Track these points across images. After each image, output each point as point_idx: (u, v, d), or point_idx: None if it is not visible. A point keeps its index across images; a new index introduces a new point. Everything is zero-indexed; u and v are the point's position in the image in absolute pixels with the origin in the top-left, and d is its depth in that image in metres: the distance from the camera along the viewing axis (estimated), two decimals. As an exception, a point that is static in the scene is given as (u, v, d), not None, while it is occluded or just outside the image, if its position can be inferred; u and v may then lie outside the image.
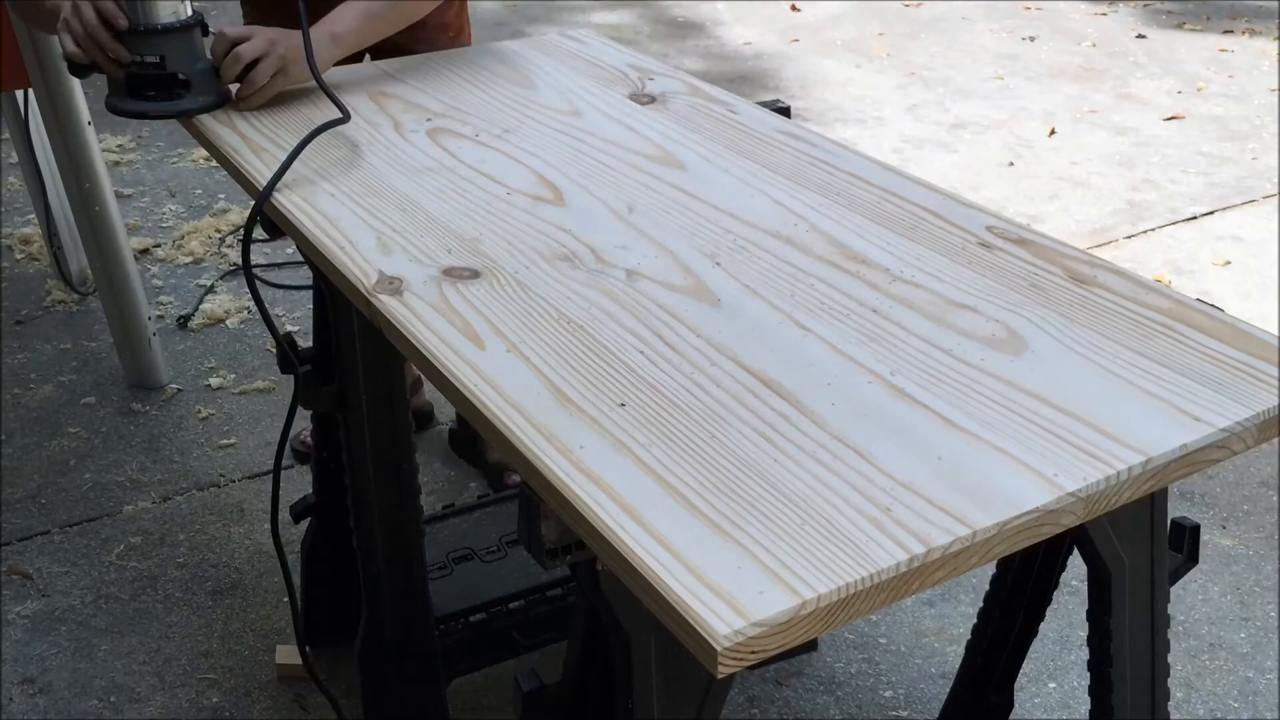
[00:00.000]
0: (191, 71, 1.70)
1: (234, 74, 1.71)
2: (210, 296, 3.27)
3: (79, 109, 2.64)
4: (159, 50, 1.67)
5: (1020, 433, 1.02)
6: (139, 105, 1.71)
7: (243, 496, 2.53)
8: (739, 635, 0.82)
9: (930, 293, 1.25)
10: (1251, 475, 2.56)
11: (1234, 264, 3.42)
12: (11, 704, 2.04)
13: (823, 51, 5.20)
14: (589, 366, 1.12)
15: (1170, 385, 1.09)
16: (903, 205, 1.45)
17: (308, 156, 1.55)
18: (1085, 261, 1.31)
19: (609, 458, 0.99)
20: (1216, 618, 2.20)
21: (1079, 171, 4.03)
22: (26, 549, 2.39)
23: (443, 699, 1.87)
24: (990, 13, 5.69)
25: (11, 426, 2.76)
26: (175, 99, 1.70)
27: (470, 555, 2.00)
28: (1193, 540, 1.34)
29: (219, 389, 2.89)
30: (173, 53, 1.68)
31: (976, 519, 0.92)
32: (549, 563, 1.06)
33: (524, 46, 2.05)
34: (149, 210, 3.79)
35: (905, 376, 1.10)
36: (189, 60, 1.70)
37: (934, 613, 2.21)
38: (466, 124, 1.70)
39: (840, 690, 2.05)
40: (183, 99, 1.70)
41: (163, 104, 1.71)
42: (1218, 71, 4.92)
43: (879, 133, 4.36)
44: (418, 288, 1.27)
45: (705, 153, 1.60)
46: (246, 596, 2.26)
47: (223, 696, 2.05)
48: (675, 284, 1.27)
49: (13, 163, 3.56)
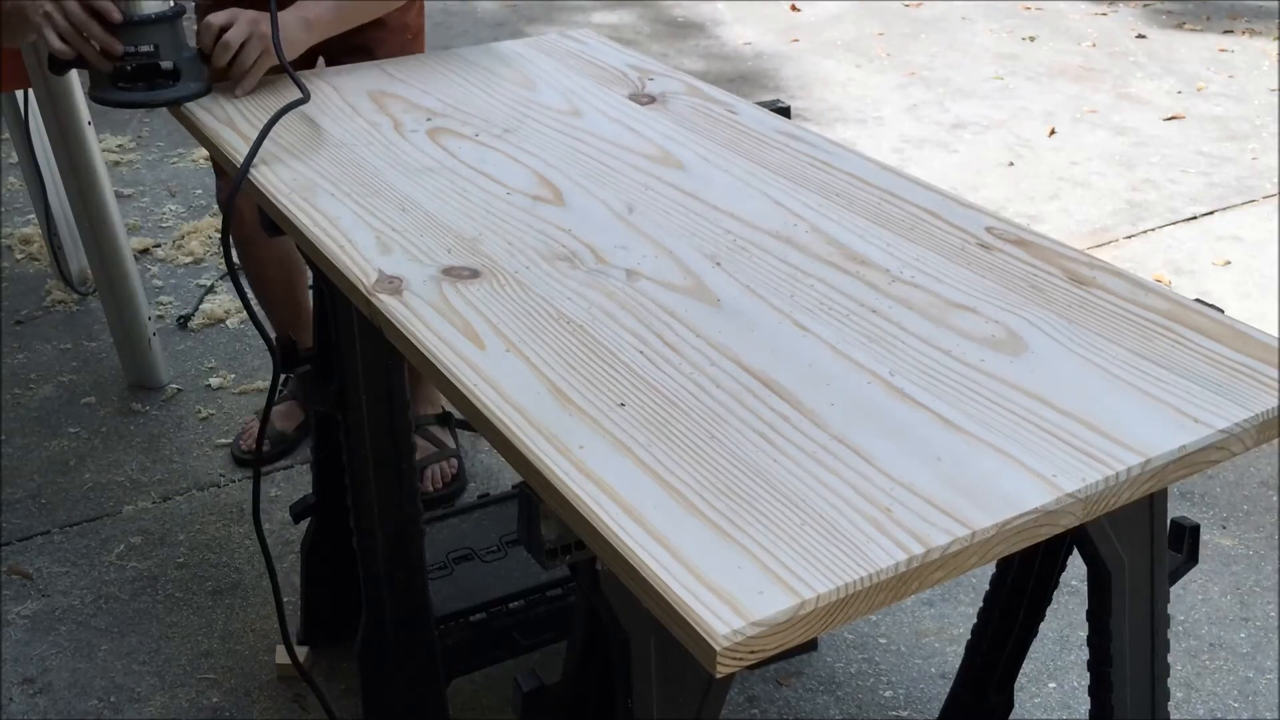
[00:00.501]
0: (180, 59, 1.73)
1: (224, 60, 1.75)
2: (210, 296, 3.27)
3: (79, 109, 2.64)
4: (152, 40, 1.69)
5: (1019, 433, 1.02)
6: (136, 95, 1.74)
7: (243, 496, 2.53)
8: (738, 635, 0.82)
9: (930, 293, 1.25)
10: (1251, 475, 2.56)
11: (1234, 264, 3.42)
12: (11, 704, 2.04)
13: (822, 51, 5.20)
14: (589, 366, 1.12)
15: (1169, 386, 1.09)
16: (902, 206, 1.45)
17: (307, 157, 1.55)
18: (1085, 262, 1.31)
19: (609, 458, 1.00)
20: (1216, 618, 2.20)
21: (1079, 171, 4.03)
22: (26, 549, 2.39)
23: (443, 699, 1.87)
24: (990, 13, 5.69)
25: (11, 426, 2.76)
26: (168, 87, 1.73)
27: (470, 555, 2.00)
28: (1193, 540, 1.34)
29: (219, 389, 2.89)
30: (165, 42, 1.70)
31: (976, 519, 0.93)
32: (549, 563, 1.06)
33: (524, 46, 2.05)
34: (149, 210, 3.80)
35: (905, 377, 1.10)
36: (179, 48, 1.73)
37: (934, 613, 2.21)
38: (466, 124, 1.70)
39: (840, 690, 2.05)
40: (176, 87, 1.74)
41: (158, 92, 1.74)
42: (1218, 71, 4.92)
43: (879, 133, 4.36)
44: (417, 287, 1.27)
45: (705, 153, 1.61)
46: (246, 596, 2.26)
47: (223, 696, 2.05)
48: (675, 284, 1.27)
49: (13, 163, 3.56)
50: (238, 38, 1.74)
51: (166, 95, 1.74)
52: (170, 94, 1.74)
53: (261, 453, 1.79)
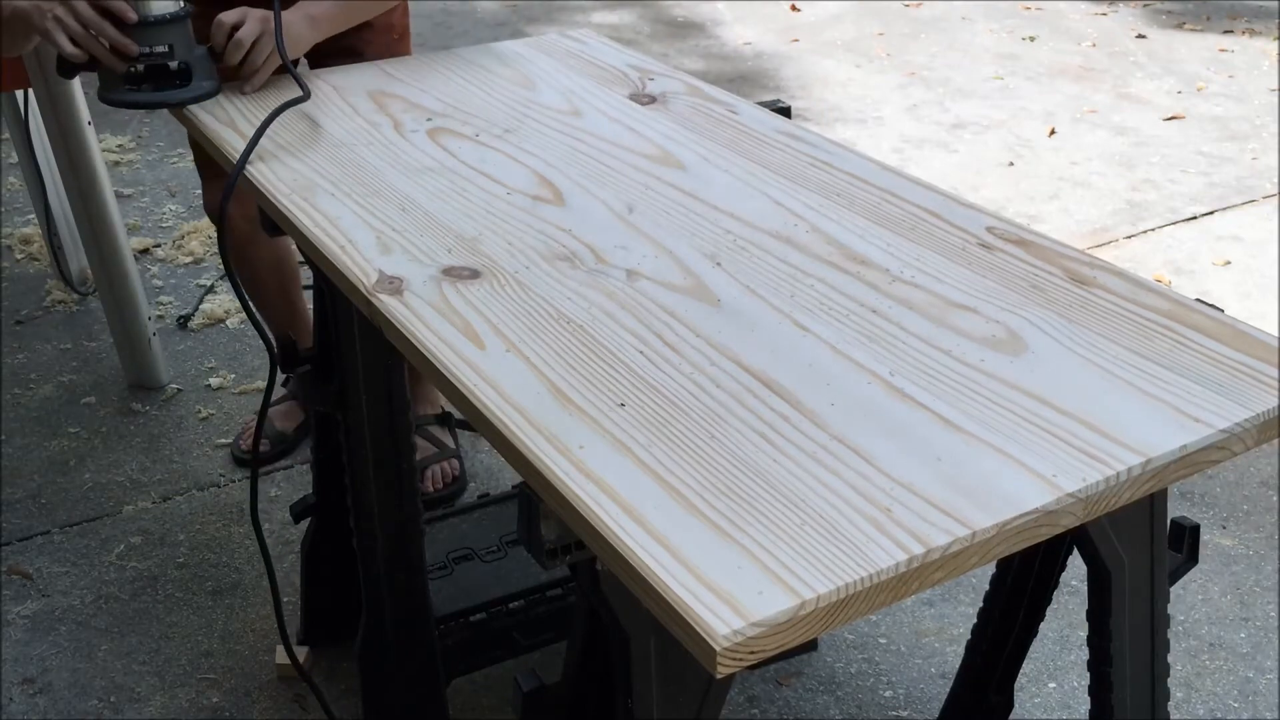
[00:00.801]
0: (192, 58, 1.73)
1: (237, 58, 1.75)
2: (210, 296, 3.27)
3: (79, 109, 2.64)
4: (166, 40, 1.69)
5: (1020, 433, 1.02)
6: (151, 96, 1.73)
7: (243, 497, 2.52)
8: (738, 635, 0.82)
9: (930, 293, 1.25)
10: (1251, 475, 2.56)
11: (1234, 264, 3.42)
12: (11, 704, 2.04)
13: (823, 51, 5.20)
14: (589, 366, 1.12)
15: (1170, 386, 1.09)
16: (903, 206, 1.45)
17: (307, 157, 1.55)
18: (1085, 262, 1.31)
19: (609, 458, 0.99)
20: (1216, 618, 2.20)
21: (1079, 171, 4.03)
22: (26, 549, 2.39)
23: (443, 699, 1.87)
24: (990, 13, 5.69)
25: (11, 426, 2.76)
26: (182, 87, 1.73)
27: (470, 555, 2.00)
28: (1193, 540, 1.34)
29: (219, 389, 2.89)
30: (178, 41, 1.70)
31: (976, 520, 0.93)
32: (549, 563, 1.06)
33: (524, 46, 2.05)
34: (149, 210, 3.80)
35: (905, 377, 1.10)
36: (190, 47, 1.73)
37: (934, 613, 2.21)
38: (467, 124, 1.70)
39: (840, 690, 2.05)
40: (189, 86, 1.73)
41: (172, 93, 1.73)
42: (1218, 71, 4.92)
43: (879, 133, 4.36)
44: (418, 287, 1.27)
45: (705, 153, 1.60)
46: (246, 596, 2.26)
47: (223, 696, 2.05)
48: (675, 284, 1.27)
49: (13, 163, 3.56)
50: (250, 35, 1.75)
51: (181, 95, 1.73)
52: (185, 94, 1.73)
53: (260, 453, 1.79)
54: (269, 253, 2.43)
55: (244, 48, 1.75)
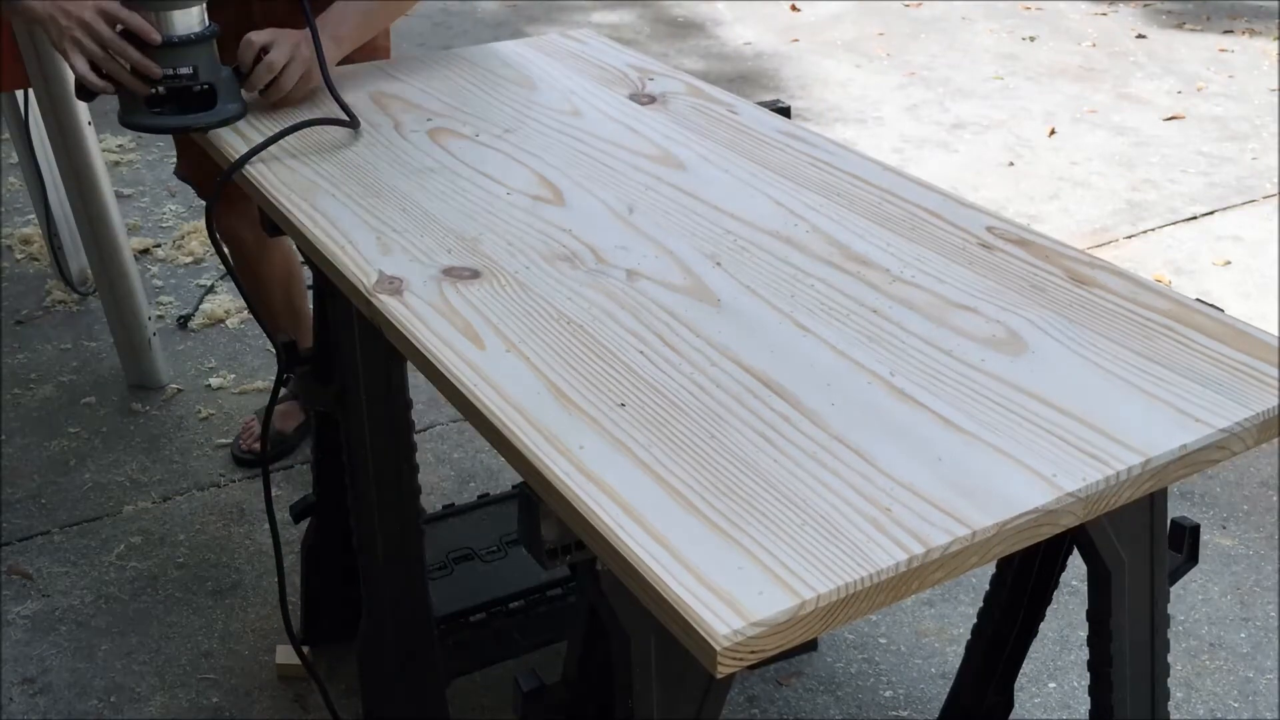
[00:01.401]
0: (218, 79, 1.66)
1: (265, 81, 1.69)
2: (210, 296, 3.27)
3: (79, 109, 2.64)
4: (191, 61, 1.62)
5: (1020, 433, 1.02)
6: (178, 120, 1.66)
7: (243, 496, 2.53)
8: (738, 635, 0.82)
9: (930, 293, 1.25)
10: (1251, 475, 2.56)
11: (1234, 264, 3.42)
12: (11, 704, 2.04)
13: (823, 51, 5.20)
14: (589, 366, 1.12)
15: (1170, 386, 1.09)
16: (903, 205, 1.45)
17: (308, 157, 1.55)
18: (1085, 262, 1.31)
19: (609, 458, 1.00)
20: (1216, 618, 2.20)
21: (1079, 171, 4.03)
22: (26, 549, 2.39)
23: (443, 699, 1.87)
24: (990, 13, 5.69)
25: (11, 426, 2.76)
26: (208, 110, 1.66)
27: (470, 555, 2.00)
28: (1193, 540, 1.33)
29: (219, 389, 2.89)
30: (203, 63, 1.64)
31: (976, 519, 0.93)
32: (549, 563, 1.06)
33: (524, 46, 2.05)
34: (149, 210, 3.80)
35: (905, 377, 1.10)
36: (215, 68, 1.66)
37: (934, 613, 2.21)
38: (467, 124, 1.70)
39: (840, 690, 2.05)
40: (215, 110, 1.66)
41: (198, 116, 1.66)
42: (1218, 71, 4.92)
43: (879, 133, 4.36)
44: (418, 287, 1.27)
45: (705, 153, 1.60)
46: (246, 596, 2.26)
47: (223, 696, 2.05)
48: (675, 284, 1.27)
49: (13, 163, 3.56)
50: (280, 60, 1.67)
51: (206, 119, 1.66)
52: (210, 117, 1.66)
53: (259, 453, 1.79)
54: (277, 269, 2.43)
55: (273, 72, 1.67)
